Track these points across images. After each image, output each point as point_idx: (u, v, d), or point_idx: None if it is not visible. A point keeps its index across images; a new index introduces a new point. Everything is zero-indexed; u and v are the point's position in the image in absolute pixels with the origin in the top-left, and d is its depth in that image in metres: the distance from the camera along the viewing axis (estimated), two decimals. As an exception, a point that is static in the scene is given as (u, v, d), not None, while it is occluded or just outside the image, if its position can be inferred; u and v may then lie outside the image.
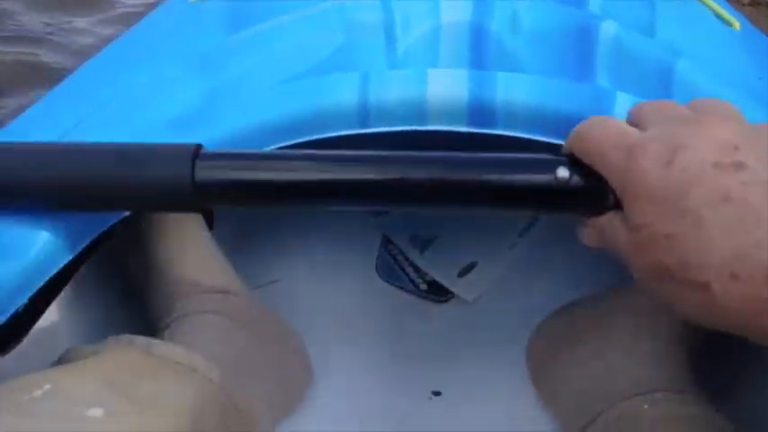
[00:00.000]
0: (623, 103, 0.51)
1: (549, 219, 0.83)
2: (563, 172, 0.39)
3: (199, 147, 0.42)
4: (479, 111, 0.52)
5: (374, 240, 0.84)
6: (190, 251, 0.59)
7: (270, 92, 0.54)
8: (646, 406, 0.49)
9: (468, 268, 0.81)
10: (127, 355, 0.45)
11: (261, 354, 0.60)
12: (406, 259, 0.82)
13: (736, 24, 0.70)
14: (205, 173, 0.41)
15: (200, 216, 0.64)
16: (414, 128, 0.53)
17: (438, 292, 0.80)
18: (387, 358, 0.72)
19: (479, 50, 0.62)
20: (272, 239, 0.80)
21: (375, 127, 0.52)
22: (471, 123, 0.53)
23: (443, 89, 0.52)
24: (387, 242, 0.84)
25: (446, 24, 0.63)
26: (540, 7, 0.63)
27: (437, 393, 0.70)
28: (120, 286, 0.65)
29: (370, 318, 0.76)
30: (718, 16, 0.71)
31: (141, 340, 0.46)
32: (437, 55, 0.62)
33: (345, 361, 0.70)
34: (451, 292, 0.79)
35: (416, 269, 0.82)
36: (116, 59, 0.70)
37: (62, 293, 0.52)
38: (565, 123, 0.51)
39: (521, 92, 0.52)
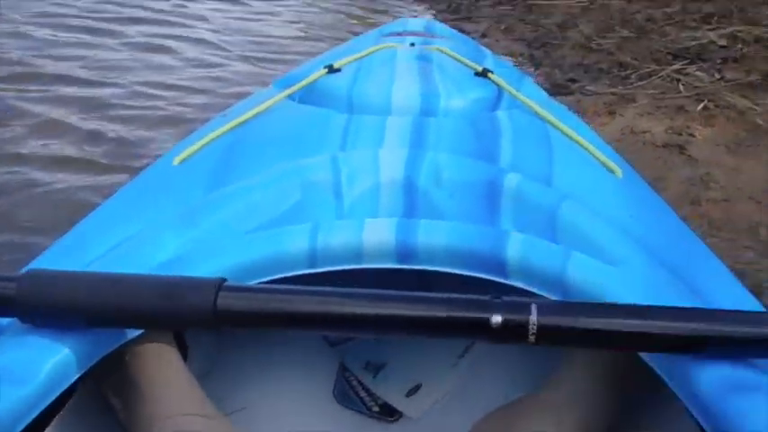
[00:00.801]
0: (516, 241, 0.64)
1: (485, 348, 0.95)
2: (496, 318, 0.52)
3: (223, 280, 0.55)
4: (405, 251, 0.65)
5: (332, 368, 0.94)
6: (171, 379, 0.68)
7: (238, 240, 0.67)
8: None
9: (415, 389, 0.91)
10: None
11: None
12: (360, 384, 0.92)
13: (618, 172, 0.85)
14: (223, 301, 0.54)
15: (176, 350, 0.75)
16: (352, 266, 0.66)
17: (388, 413, 0.89)
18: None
19: (410, 201, 0.75)
20: (237, 370, 0.90)
21: (322, 267, 0.65)
22: (399, 261, 0.66)
23: (376, 235, 0.65)
24: (343, 369, 0.94)
25: (384, 181, 0.77)
26: (457, 163, 0.78)
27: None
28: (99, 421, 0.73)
29: (329, 436, 0.85)
30: (604, 165, 0.86)
31: None
32: (377, 206, 0.75)
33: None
34: (400, 412, 0.89)
35: (369, 393, 0.92)
36: (115, 212, 0.82)
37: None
38: (472, 258, 0.64)
39: (437, 236, 0.65)
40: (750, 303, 0.67)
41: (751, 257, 1.39)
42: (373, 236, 0.65)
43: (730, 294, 0.67)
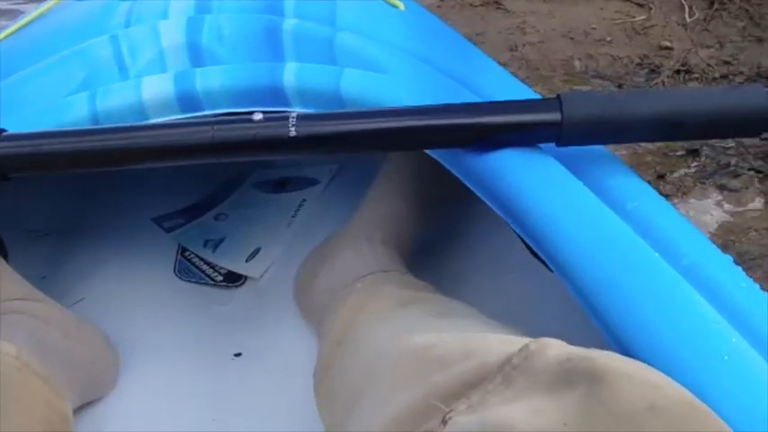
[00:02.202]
0: (290, 69, 0.67)
1: (315, 201, 0.99)
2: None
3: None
4: (186, 99, 0.67)
5: (171, 252, 0.96)
6: None
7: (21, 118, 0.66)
8: (359, 284, 0.65)
9: (255, 253, 0.95)
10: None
11: (66, 347, 0.70)
12: (202, 259, 0.95)
13: (401, 6, 0.88)
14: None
15: None
16: (142, 123, 0.67)
17: (233, 279, 0.92)
18: (193, 337, 0.84)
19: (194, 60, 0.76)
20: (73, 272, 0.90)
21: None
22: (183, 110, 0.67)
23: (154, 89, 0.66)
24: (183, 250, 0.96)
25: (166, 47, 0.77)
26: (239, 19, 0.79)
27: (238, 355, 0.82)
28: None
29: (175, 311, 0.87)
30: (387, 2, 0.89)
31: None
32: (163, 71, 0.76)
33: (157, 347, 0.82)
34: (244, 276, 0.92)
35: (211, 265, 0.94)
36: None
37: None
38: (252, 94, 0.66)
39: (214, 79, 0.67)
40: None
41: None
42: (151, 90, 0.66)
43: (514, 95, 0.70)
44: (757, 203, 1.09)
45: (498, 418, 0.34)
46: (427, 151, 0.61)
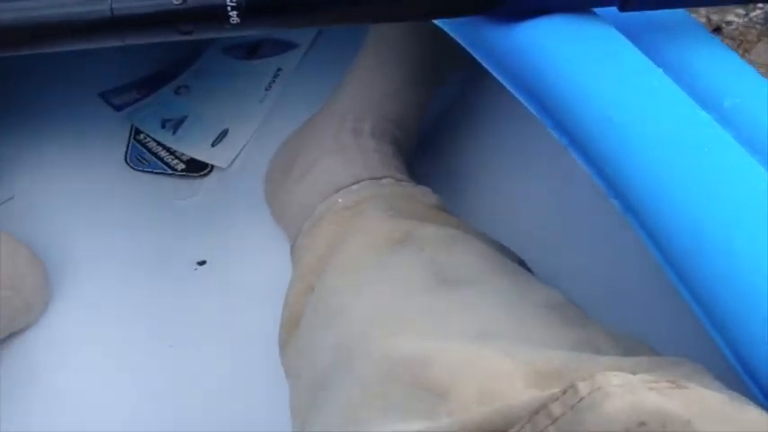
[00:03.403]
0: None
1: (293, 69, 0.82)
2: None
3: None
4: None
5: (121, 134, 0.80)
6: None
7: None
8: (340, 200, 0.49)
9: (222, 135, 0.79)
10: None
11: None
12: (159, 144, 0.79)
13: None
14: None
15: None
16: None
17: (196, 168, 0.77)
18: (148, 242, 0.70)
19: None
20: (1, 151, 0.75)
21: None
22: None
23: None
24: (136, 133, 0.80)
25: None
26: None
27: (202, 263, 0.68)
28: None
29: (126, 208, 0.73)
30: None
31: None
32: None
33: (103, 255, 0.68)
34: (209, 165, 0.77)
35: (170, 151, 0.78)
36: None
37: None
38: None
39: None
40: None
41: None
42: None
43: None
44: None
45: None
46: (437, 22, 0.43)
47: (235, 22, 0.37)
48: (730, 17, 0.95)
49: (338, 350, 0.37)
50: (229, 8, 0.37)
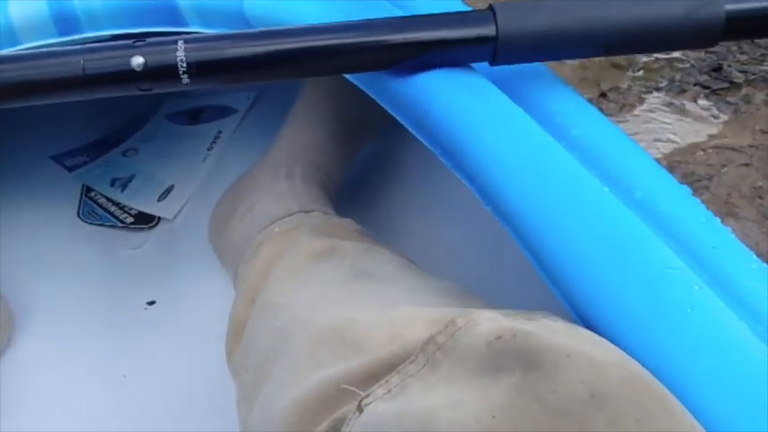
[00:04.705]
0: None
1: (232, 132, 0.91)
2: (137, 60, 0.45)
3: None
4: (62, 20, 0.57)
5: (73, 192, 0.87)
6: None
7: None
8: (276, 229, 0.57)
9: (167, 191, 0.86)
10: None
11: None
12: (109, 200, 0.86)
13: None
14: None
15: None
16: (15, 49, 0.57)
17: (144, 221, 0.84)
18: (101, 286, 0.76)
19: None
20: None
21: None
22: (61, 33, 0.57)
23: (24, 10, 0.56)
24: (87, 190, 0.87)
25: None
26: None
27: (151, 303, 0.75)
28: None
29: (80, 258, 0.79)
30: None
31: None
32: None
33: (60, 299, 0.74)
34: (156, 217, 0.84)
35: (120, 206, 0.85)
36: None
37: None
38: (139, 12, 0.57)
39: None
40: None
41: None
42: (21, 9, 0.56)
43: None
44: (704, 122, 1.04)
45: (418, 409, 0.28)
46: (346, 76, 0.53)
47: (186, 82, 0.46)
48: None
49: (279, 333, 0.45)
50: (181, 71, 0.45)
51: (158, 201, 0.85)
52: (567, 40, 0.46)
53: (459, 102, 0.45)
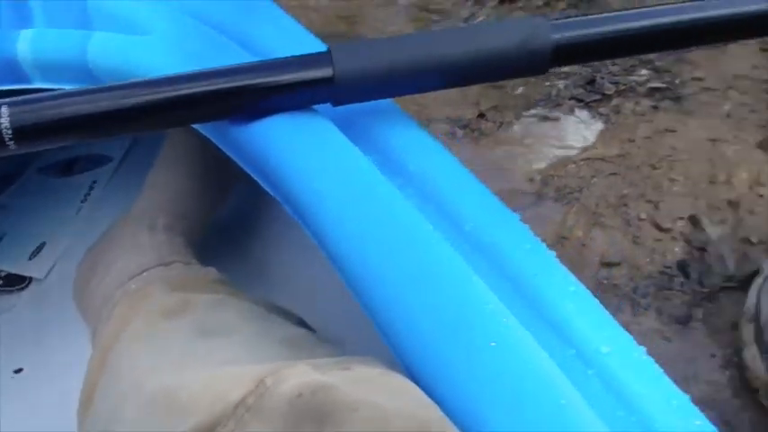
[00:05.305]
0: (25, 38, 0.56)
1: (107, 181, 0.88)
2: None
3: None
4: None
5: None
6: None
7: None
8: (133, 285, 0.56)
9: (39, 249, 0.83)
10: None
11: None
12: (-24, 264, 0.82)
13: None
14: None
15: None
16: None
17: (15, 282, 0.81)
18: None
19: None
20: None
21: None
22: None
23: None
24: (-47, 255, 0.83)
25: None
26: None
27: (18, 371, 0.72)
28: None
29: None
30: None
31: None
32: None
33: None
34: (28, 277, 0.81)
35: (-12, 269, 0.82)
36: None
37: None
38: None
39: None
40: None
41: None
42: None
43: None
44: (577, 135, 1.07)
45: None
46: (194, 126, 0.52)
47: (13, 148, 0.44)
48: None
49: (118, 399, 0.43)
50: (7, 138, 0.44)
51: (29, 259, 0.82)
52: (406, 76, 0.46)
53: (293, 147, 0.44)
